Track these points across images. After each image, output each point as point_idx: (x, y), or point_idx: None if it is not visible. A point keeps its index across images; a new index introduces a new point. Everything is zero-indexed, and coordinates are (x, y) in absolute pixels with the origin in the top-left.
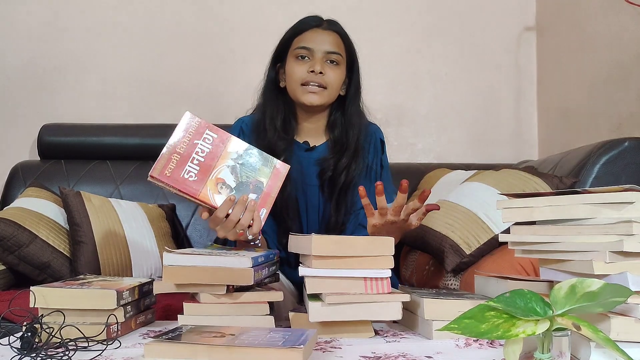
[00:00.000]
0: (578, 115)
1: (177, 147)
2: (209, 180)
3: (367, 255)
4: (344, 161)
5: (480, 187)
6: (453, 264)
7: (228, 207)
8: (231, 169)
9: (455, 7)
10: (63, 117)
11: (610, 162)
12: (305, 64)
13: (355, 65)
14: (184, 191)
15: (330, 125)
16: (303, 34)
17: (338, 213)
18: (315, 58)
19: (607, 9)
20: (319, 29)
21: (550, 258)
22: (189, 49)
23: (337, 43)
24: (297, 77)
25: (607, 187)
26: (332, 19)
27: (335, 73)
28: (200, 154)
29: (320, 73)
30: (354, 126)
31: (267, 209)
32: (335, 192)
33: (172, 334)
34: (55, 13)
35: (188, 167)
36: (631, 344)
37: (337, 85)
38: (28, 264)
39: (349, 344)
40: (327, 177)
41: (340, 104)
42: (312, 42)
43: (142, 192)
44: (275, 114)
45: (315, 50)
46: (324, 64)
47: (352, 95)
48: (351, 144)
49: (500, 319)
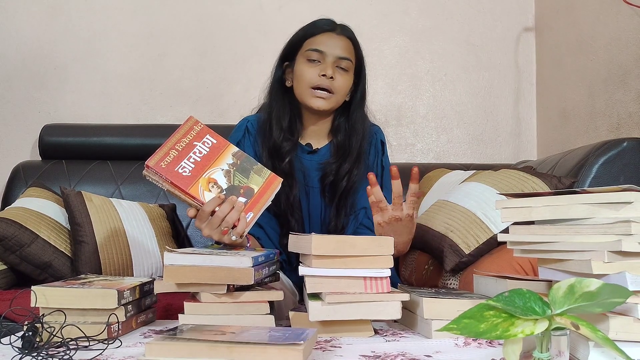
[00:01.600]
0: (577, 115)
1: (176, 145)
2: (202, 179)
3: (366, 254)
4: (345, 166)
5: (479, 187)
6: (452, 264)
7: (216, 203)
8: (225, 172)
9: (454, 8)
10: (64, 117)
11: (609, 162)
12: (316, 67)
13: (363, 72)
14: (175, 183)
15: (334, 129)
16: (315, 37)
17: (338, 217)
18: (326, 62)
19: (605, 9)
20: (332, 33)
21: (549, 258)
22: (189, 49)
23: (348, 49)
24: (307, 80)
25: (605, 187)
26: (345, 24)
27: (344, 79)
28: (197, 154)
29: (331, 78)
30: (357, 132)
31: (254, 214)
32: (336, 197)
33: (173, 333)
34: (56, 13)
35: (184, 163)
36: (630, 343)
37: (345, 92)
38: (29, 264)
39: (348, 343)
40: (328, 182)
41: (345, 109)
42: (324, 46)
43: (143, 192)
44: (281, 114)
45: (328, 54)
46: (335, 69)
47: (357, 102)
48: (354, 150)
49: (499, 319)
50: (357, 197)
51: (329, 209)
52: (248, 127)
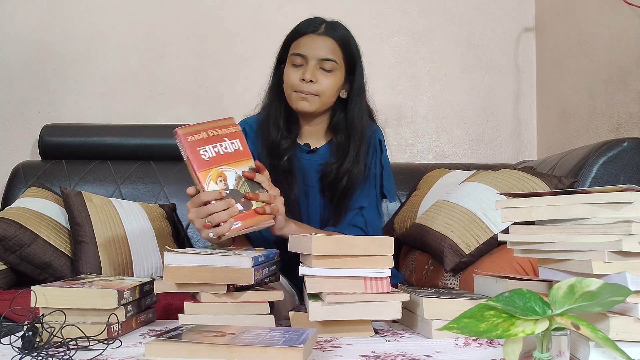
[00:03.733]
0: (577, 115)
1: (209, 130)
2: (215, 169)
3: (366, 254)
4: (345, 166)
5: (479, 187)
6: (452, 264)
7: (214, 197)
8: (237, 177)
9: (454, 8)
10: (64, 117)
11: (609, 162)
12: (298, 71)
13: (358, 68)
14: (191, 160)
15: (333, 127)
16: (298, 40)
17: (337, 216)
18: (308, 65)
19: (606, 9)
20: (313, 35)
21: (549, 258)
22: (189, 49)
23: (331, 49)
24: (290, 84)
25: (606, 187)
26: (333, 21)
27: (329, 80)
28: (222, 148)
29: (311, 81)
30: (356, 130)
31: (242, 225)
32: (335, 196)
33: (173, 333)
34: (56, 14)
35: (208, 147)
36: (630, 344)
37: (331, 92)
38: (29, 264)
39: (348, 343)
40: (328, 181)
41: (343, 106)
42: (305, 49)
43: (143, 192)
44: (278, 114)
45: (309, 57)
46: (317, 71)
47: (354, 98)
48: (353, 149)
49: (499, 319)
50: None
51: (328, 208)
52: (246, 130)
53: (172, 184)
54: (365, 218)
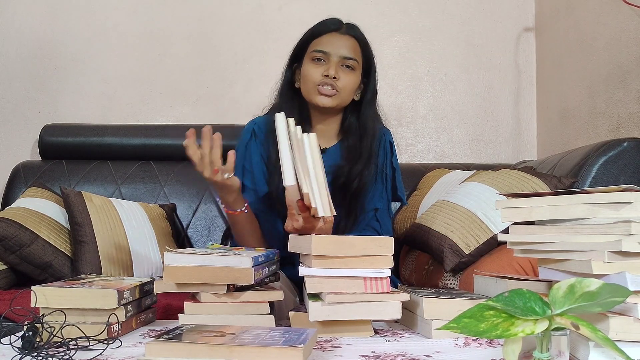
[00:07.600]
0: (577, 115)
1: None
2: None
3: (366, 254)
4: (357, 168)
5: (479, 187)
6: (452, 264)
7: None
8: None
9: (454, 8)
10: (64, 117)
11: (609, 163)
12: (320, 67)
13: (373, 71)
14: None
15: (345, 129)
16: (320, 37)
17: (348, 218)
18: (330, 62)
19: (606, 9)
20: (336, 33)
21: (549, 258)
22: (189, 49)
23: (353, 48)
24: (311, 79)
25: (605, 187)
26: (352, 23)
27: (350, 78)
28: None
29: (334, 77)
30: (368, 132)
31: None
32: (347, 198)
33: (173, 334)
34: (56, 13)
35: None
36: (630, 344)
37: (350, 90)
38: (29, 264)
39: (348, 343)
40: (340, 183)
41: (355, 109)
42: (328, 46)
43: (143, 192)
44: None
45: (332, 54)
46: (339, 68)
47: (367, 101)
48: (365, 151)
49: (499, 318)
50: (368, 198)
51: (340, 210)
52: (255, 130)
53: (172, 184)
54: (379, 221)
